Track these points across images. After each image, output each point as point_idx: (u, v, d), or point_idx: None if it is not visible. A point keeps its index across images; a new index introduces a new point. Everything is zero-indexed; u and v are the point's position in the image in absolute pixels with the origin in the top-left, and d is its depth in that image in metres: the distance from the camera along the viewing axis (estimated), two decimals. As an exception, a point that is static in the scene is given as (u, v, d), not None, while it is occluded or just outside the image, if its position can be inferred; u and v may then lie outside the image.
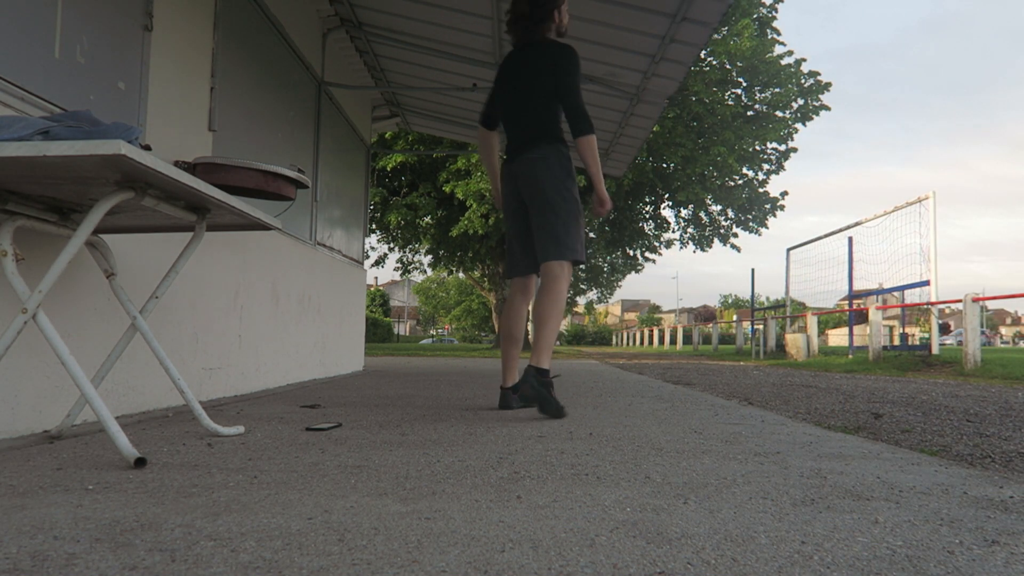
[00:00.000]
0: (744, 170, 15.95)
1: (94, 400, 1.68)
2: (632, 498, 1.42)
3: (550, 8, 3.08)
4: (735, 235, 17.38)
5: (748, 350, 16.74)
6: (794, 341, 12.61)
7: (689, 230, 18.02)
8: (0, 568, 0.93)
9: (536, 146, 3.03)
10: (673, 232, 23.87)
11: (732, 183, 16.22)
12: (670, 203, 17.71)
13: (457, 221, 15.87)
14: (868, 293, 12.04)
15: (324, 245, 5.35)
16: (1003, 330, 75.83)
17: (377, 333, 40.33)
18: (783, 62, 15.00)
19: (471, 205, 14.93)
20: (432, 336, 66.64)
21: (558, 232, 2.98)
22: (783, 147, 16.00)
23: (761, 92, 15.36)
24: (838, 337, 30.81)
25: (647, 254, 19.57)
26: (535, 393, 2.85)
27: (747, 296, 76.85)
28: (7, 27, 2.03)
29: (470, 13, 4.87)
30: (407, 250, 21.12)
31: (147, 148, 1.84)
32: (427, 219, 17.90)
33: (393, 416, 2.85)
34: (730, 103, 14.91)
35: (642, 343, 41.59)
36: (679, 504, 1.37)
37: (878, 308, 10.63)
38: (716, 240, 17.62)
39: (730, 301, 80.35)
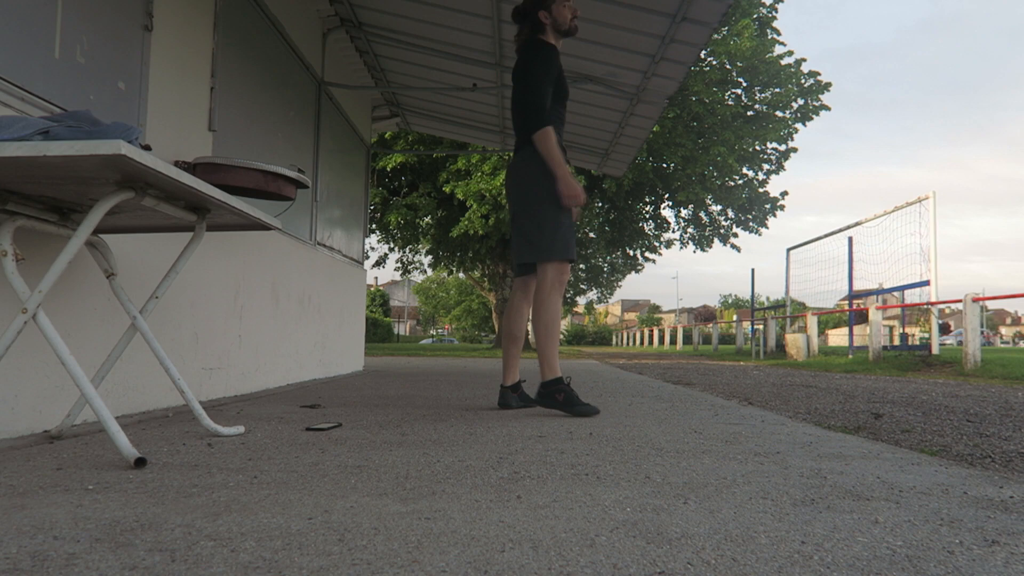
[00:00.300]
0: (744, 170, 15.96)
1: (94, 400, 1.68)
2: (632, 498, 1.42)
3: (532, 14, 3.11)
4: (735, 235, 17.39)
5: (748, 350, 16.74)
6: (794, 341, 12.61)
7: (689, 230, 18.03)
8: (0, 568, 0.93)
9: (519, 149, 3.07)
10: (673, 232, 23.92)
11: (732, 183, 16.22)
12: (670, 203, 17.71)
13: (457, 221, 15.87)
14: (868, 293, 12.03)
15: (324, 245, 5.35)
16: (1003, 330, 75.81)
17: (377, 333, 40.34)
18: (783, 62, 15.00)
19: (471, 205, 14.92)
20: (432, 336, 66.63)
21: (530, 234, 3.02)
22: (783, 147, 16.00)
23: (761, 92, 15.36)
24: (838, 337, 30.82)
25: (647, 254, 19.56)
26: (546, 405, 3.03)
27: (747, 296, 76.85)
28: (7, 27, 2.03)
29: (470, 13, 4.87)
30: (407, 250, 21.12)
31: (147, 148, 1.84)
32: (427, 219, 17.90)
33: (393, 416, 2.85)
34: (730, 103, 14.92)
35: (642, 343, 41.59)
36: (679, 504, 1.37)
37: (878, 308, 10.63)
38: (716, 240, 17.63)
39: (730, 301, 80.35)
